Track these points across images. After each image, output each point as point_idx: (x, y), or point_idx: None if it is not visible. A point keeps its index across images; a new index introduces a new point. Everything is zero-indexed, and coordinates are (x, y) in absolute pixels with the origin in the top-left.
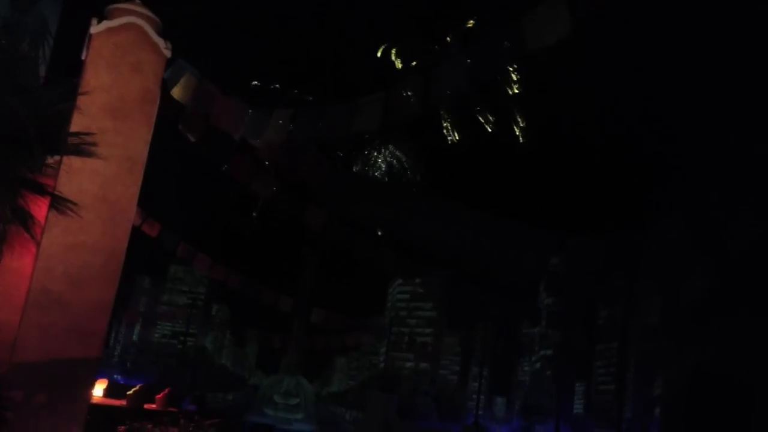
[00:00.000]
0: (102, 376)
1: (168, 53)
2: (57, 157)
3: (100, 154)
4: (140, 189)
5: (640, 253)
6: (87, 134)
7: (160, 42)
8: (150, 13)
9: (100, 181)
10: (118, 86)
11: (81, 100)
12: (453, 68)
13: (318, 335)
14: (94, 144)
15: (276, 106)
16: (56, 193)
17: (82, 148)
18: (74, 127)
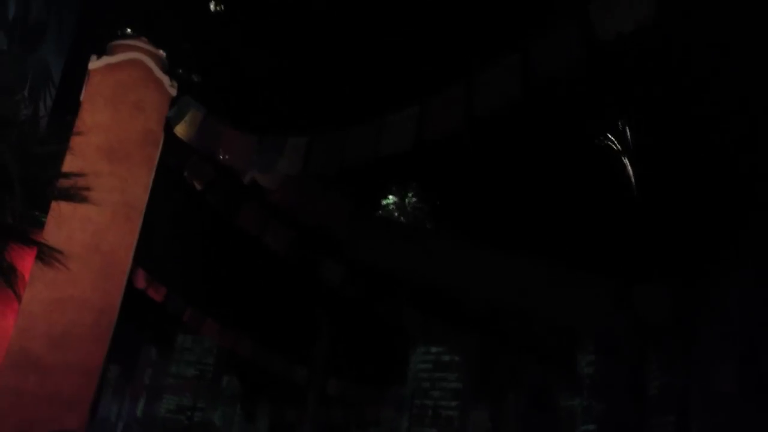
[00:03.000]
0: None
1: (173, 91)
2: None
3: (94, 200)
4: (142, 243)
5: (707, 307)
6: (79, 175)
7: (165, 79)
8: (155, 50)
9: (92, 229)
10: (118, 126)
11: (75, 141)
12: (505, 70)
13: (334, 408)
14: (88, 188)
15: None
16: (42, 241)
17: (74, 192)
18: (66, 170)
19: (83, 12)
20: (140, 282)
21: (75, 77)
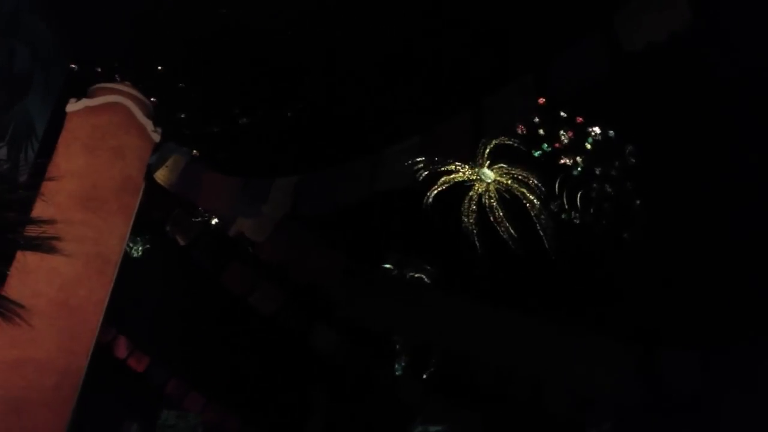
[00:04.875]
0: None
1: (157, 137)
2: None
3: (64, 250)
4: (121, 307)
5: (739, 375)
6: (48, 223)
7: (148, 124)
8: (139, 94)
9: (60, 283)
10: (94, 172)
11: (47, 187)
12: (520, 89)
13: None
14: (57, 237)
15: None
16: (3, 296)
17: (41, 241)
18: (35, 217)
19: (71, 64)
20: (121, 351)
21: (60, 129)
